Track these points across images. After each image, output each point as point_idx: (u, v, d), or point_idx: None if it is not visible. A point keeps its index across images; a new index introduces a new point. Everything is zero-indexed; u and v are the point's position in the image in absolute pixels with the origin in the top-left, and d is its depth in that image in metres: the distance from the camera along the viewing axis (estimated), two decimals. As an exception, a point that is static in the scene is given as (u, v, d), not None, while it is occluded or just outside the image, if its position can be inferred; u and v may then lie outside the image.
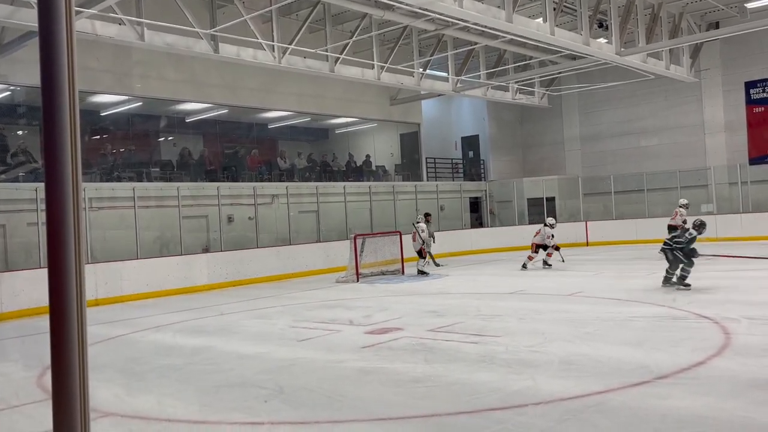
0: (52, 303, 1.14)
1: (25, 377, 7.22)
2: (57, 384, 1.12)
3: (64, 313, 1.11)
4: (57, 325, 1.12)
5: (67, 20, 1.09)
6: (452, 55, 19.85)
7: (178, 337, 9.81)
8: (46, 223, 1.15)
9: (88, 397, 1.14)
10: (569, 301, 10.51)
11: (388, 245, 16.66)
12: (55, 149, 1.07)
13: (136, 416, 5.38)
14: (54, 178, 1.09)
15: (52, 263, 1.14)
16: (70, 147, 1.04)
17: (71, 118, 1.04)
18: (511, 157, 27.76)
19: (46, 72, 1.07)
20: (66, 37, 1.06)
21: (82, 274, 1.17)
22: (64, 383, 1.11)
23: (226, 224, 17.41)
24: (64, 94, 1.04)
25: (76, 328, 1.11)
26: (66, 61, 1.05)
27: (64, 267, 1.10)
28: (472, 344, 7.38)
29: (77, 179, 1.06)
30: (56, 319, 1.12)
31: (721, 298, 9.76)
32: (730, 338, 6.91)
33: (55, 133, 1.07)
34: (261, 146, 20.96)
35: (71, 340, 1.10)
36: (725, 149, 22.86)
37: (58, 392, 1.12)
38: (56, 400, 1.13)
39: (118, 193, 15.13)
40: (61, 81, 1.04)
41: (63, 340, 1.10)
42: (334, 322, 9.65)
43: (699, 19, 21.09)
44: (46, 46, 1.06)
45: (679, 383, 5.31)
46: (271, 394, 5.78)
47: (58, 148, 1.06)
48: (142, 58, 16.03)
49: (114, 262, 14.23)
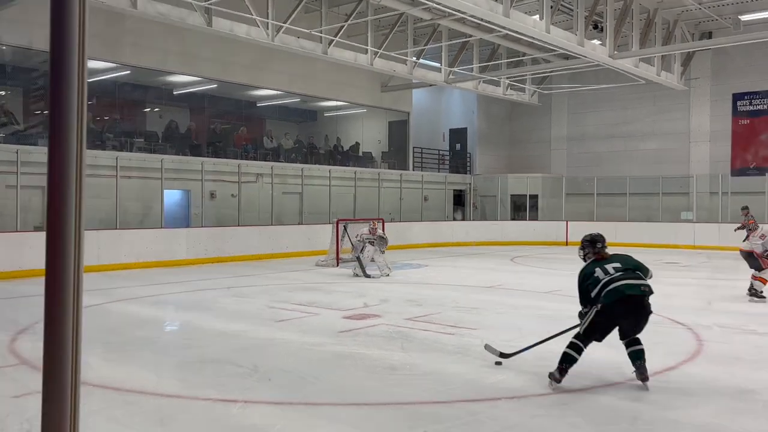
0: (48, 270, 1.12)
1: (1, 340, 7.14)
2: (49, 351, 1.11)
3: (61, 281, 1.09)
4: (52, 292, 1.10)
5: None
6: (446, 45, 19.81)
7: (155, 309, 9.76)
8: (47, 188, 1.13)
9: (79, 365, 1.13)
10: (547, 298, 10.60)
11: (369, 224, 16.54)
12: (62, 116, 1.05)
13: (108, 386, 5.34)
14: (58, 145, 1.07)
15: (51, 230, 1.12)
16: (77, 114, 1.02)
17: (79, 84, 1.02)
18: (497, 153, 27.85)
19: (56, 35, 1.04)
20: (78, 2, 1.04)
21: (81, 242, 1.15)
22: (56, 351, 1.09)
23: (208, 200, 17.29)
24: (74, 57, 1.01)
25: (72, 297, 1.09)
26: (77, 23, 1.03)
27: (62, 234, 1.08)
28: (448, 335, 7.43)
29: (81, 145, 1.04)
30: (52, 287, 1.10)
31: (695, 304, 9.91)
32: (702, 345, 7.02)
33: (61, 99, 1.04)
34: (248, 124, 20.80)
35: (66, 308, 1.09)
36: (709, 159, 23.12)
37: (50, 360, 1.11)
38: (48, 368, 1.11)
39: (100, 161, 14.93)
40: (71, 44, 1.02)
41: (58, 308, 1.09)
42: (313, 305, 9.65)
43: (693, 27, 21.24)
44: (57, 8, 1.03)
45: (651, 386, 5.38)
46: (246, 373, 5.78)
47: (64, 115, 1.04)
48: (134, 27, 15.79)
49: (92, 231, 14.06)
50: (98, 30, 15.04)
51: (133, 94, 18.50)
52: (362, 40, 17.68)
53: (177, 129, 18.29)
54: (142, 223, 15.95)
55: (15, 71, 15.88)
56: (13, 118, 14.97)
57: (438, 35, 19.49)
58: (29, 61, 15.42)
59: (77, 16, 1.06)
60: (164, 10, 13.24)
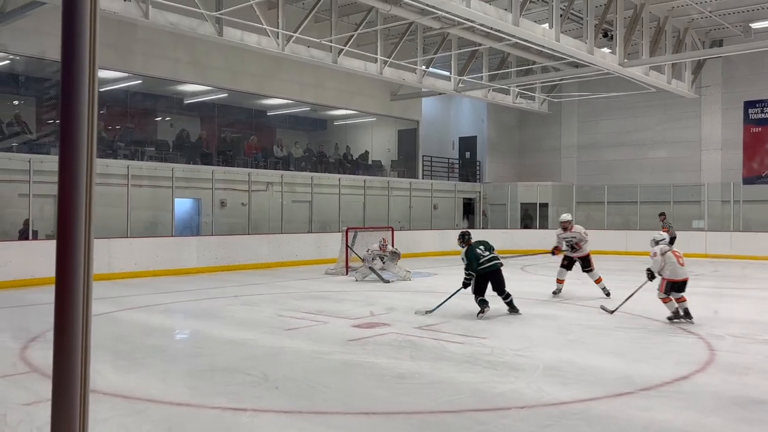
0: (58, 277, 1.13)
1: (12, 348, 7.18)
2: (59, 359, 1.12)
3: (71, 289, 1.10)
4: (62, 300, 1.11)
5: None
6: (456, 54, 19.84)
7: (165, 318, 9.79)
8: (58, 197, 1.14)
9: (88, 374, 1.14)
10: (556, 307, 10.55)
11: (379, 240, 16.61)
12: (72, 125, 1.06)
13: (118, 394, 5.36)
14: (69, 154, 1.08)
15: (62, 238, 1.13)
16: (88, 123, 1.03)
17: (90, 94, 1.03)
18: (507, 161, 27.81)
19: (67, 44, 1.06)
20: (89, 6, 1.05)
21: (91, 250, 1.16)
22: (66, 358, 1.10)
23: (218, 208, 17.36)
24: (85, 66, 1.03)
25: (82, 304, 1.10)
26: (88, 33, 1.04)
27: (73, 242, 1.09)
28: (458, 344, 7.40)
29: (92, 154, 1.05)
30: (62, 295, 1.11)
31: (707, 314, 9.82)
32: (714, 354, 6.96)
33: (72, 108, 1.06)
34: (259, 133, 20.89)
35: (76, 316, 1.09)
36: (720, 167, 22.98)
37: (59, 367, 1.11)
38: (57, 376, 1.12)
39: (111, 170, 15.03)
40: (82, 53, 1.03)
41: (68, 316, 1.09)
42: (322, 314, 9.64)
43: (703, 35, 21.17)
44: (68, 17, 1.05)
45: (661, 396, 5.34)
46: (256, 381, 5.78)
47: (75, 123, 1.05)
48: (145, 36, 15.92)
49: (103, 239, 14.14)
50: (110, 40, 15.19)
51: (145, 103, 18.64)
52: (372, 49, 17.75)
53: (188, 138, 18.40)
54: (152, 231, 16.03)
55: (28, 81, 16.05)
56: (26, 128, 15.11)
57: (447, 44, 19.53)
58: (42, 71, 15.59)
59: (88, 25, 1.08)
60: (175, 20, 13.35)
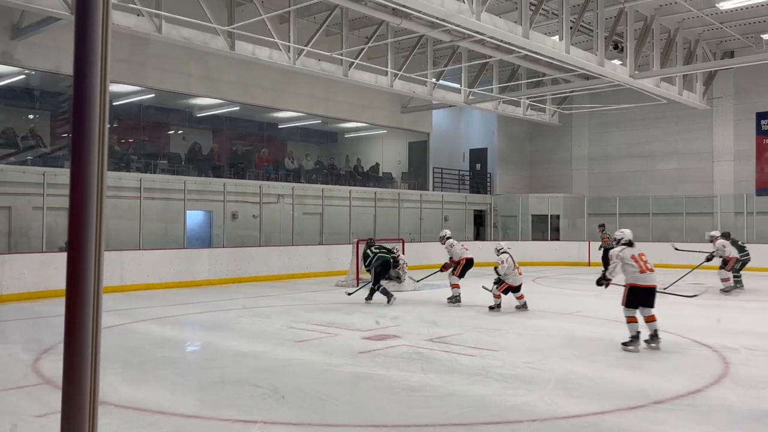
0: (69, 290, 1.14)
1: (25, 360, 7.22)
2: (69, 371, 1.12)
3: (81, 301, 1.11)
4: (72, 312, 1.12)
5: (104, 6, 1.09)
6: (466, 67, 19.89)
7: (176, 330, 9.81)
8: (69, 209, 1.16)
9: (98, 386, 1.14)
10: (569, 319, 10.48)
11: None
12: (83, 137, 1.07)
13: (129, 406, 5.37)
14: (80, 166, 1.09)
15: (73, 250, 1.14)
16: (98, 137, 1.04)
17: (101, 107, 1.05)
18: (518, 173, 27.76)
19: (80, 58, 1.07)
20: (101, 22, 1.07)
21: (101, 263, 1.17)
22: (75, 370, 1.11)
23: (230, 221, 17.43)
24: (96, 80, 1.04)
25: (92, 316, 1.11)
26: (100, 48, 1.06)
27: (83, 255, 1.10)
28: (469, 357, 7.36)
29: (102, 168, 1.07)
30: (72, 307, 1.12)
31: (721, 327, 9.72)
32: (728, 368, 6.88)
33: (84, 120, 1.07)
34: (270, 145, 21.01)
35: (86, 327, 1.10)
36: (733, 178, 22.82)
37: (69, 379, 1.12)
38: (67, 387, 1.13)
39: (124, 183, 15.15)
40: (93, 68, 1.05)
41: (77, 328, 1.10)
42: (332, 326, 9.63)
43: (714, 47, 21.10)
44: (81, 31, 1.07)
45: (675, 410, 5.28)
46: (266, 394, 5.78)
47: (86, 136, 1.06)
48: (158, 51, 16.08)
49: (116, 251, 14.23)
50: (124, 54, 15.36)
51: (157, 116, 18.81)
52: (382, 62, 17.83)
53: (200, 151, 18.53)
54: (164, 243, 16.11)
55: (43, 95, 16.25)
56: (41, 141, 15.28)
57: (458, 57, 19.59)
58: (56, 86, 15.78)
59: (100, 41, 1.09)
60: (188, 34, 13.49)
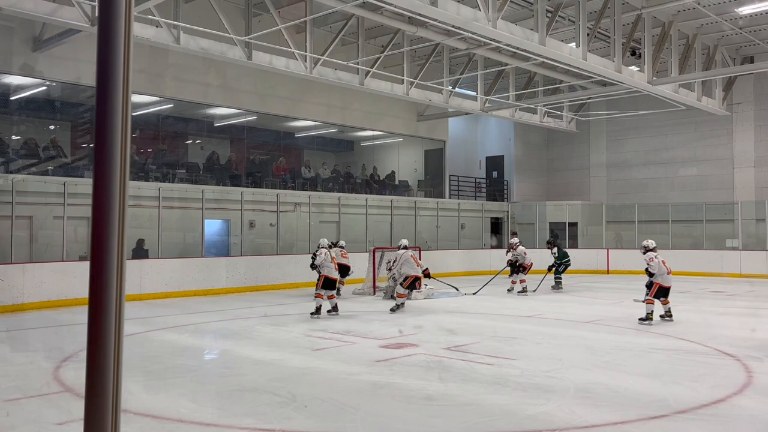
0: (91, 299, 1.15)
1: (46, 368, 7.30)
2: (92, 379, 1.13)
3: (103, 309, 1.12)
4: (95, 320, 1.13)
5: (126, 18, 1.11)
6: (482, 74, 19.88)
7: (195, 338, 9.86)
8: (91, 218, 1.17)
9: (120, 394, 1.15)
10: (588, 328, 10.39)
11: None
12: (105, 147, 1.09)
13: (148, 414, 5.40)
14: (102, 176, 1.11)
15: (95, 259, 1.16)
16: (121, 146, 1.06)
17: (123, 117, 1.06)
18: (535, 180, 27.64)
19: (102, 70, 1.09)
20: (123, 34, 1.09)
21: (123, 272, 1.18)
22: (98, 378, 1.12)
23: (247, 229, 17.53)
24: (119, 91, 1.06)
25: (114, 325, 1.12)
26: (122, 59, 1.08)
27: (106, 264, 1.12)
28: (487, 365, 7.32)
29: (125, 177, 1.08)
30: (94, 315, 1.13)
31: (744, 335, 9.58)
32: (752, 377, 6.77)
33: (106, 131, 1.08)
34: (287, 154, 21.11)
35: (108, 336, 1.11)
36: (754, 184, 22.54)
37: (91, 387, 1.13)
38: (89, 395, 1.14)
39: (143, 192, 15.30)
40: (116, 79, 1.06)
41: (100, 336, 1.11)
42: (349, 334, 9.63)
43: (734, 52, 20.91)
44: (103, 44, 1.08)
45: (697, 419, 5.21)
46: (284, 402, 5.78)
47: (109, 146, 1.08)
48: (176, 61, 16.26)
49: (135, 260, 14.36)
50: (143, 65, 15.55)
51: (176, 126, 18.99)
52: (398, 71, 17.87)
53: (218, 160, 18.67)
54: (183, 252, 16.23)
55: (64, 106, 16.48)
56: (62, 151, 15.49)
57: (474, 64, 19.59)
58: (77, 96, 16.00)
59: (122, 52, 1.11)
60: (206, 45, 13.62)
